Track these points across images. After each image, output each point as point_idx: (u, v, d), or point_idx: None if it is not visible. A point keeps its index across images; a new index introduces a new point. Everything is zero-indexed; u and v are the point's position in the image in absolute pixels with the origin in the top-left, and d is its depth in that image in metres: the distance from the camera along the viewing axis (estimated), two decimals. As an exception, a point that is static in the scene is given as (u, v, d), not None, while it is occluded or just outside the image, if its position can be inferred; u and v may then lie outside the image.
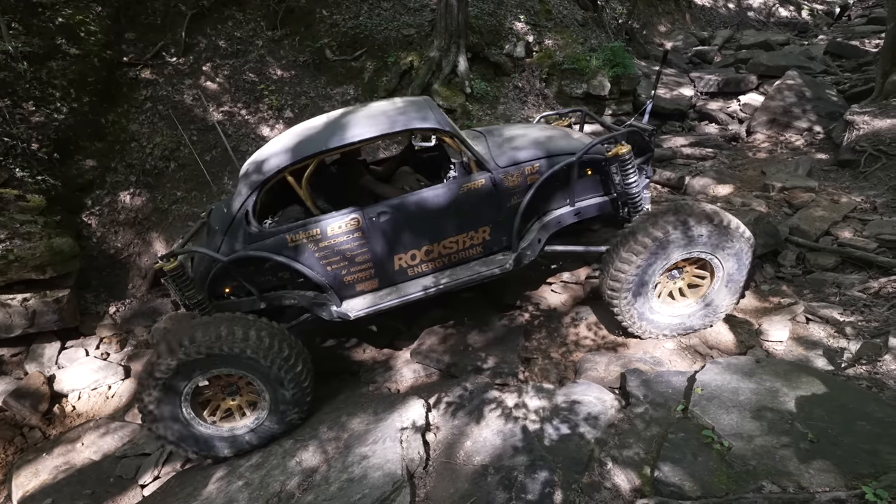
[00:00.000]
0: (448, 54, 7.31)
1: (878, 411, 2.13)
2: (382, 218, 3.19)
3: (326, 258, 3.23)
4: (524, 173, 3.38)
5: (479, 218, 3.38)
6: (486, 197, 3.31)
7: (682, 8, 14.66)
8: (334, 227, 3.16)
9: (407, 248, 3.34)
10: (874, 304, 3.81)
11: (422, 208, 3.24)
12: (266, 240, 3.15)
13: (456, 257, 3.48)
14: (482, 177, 3.27)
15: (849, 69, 10.09)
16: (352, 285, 3.36)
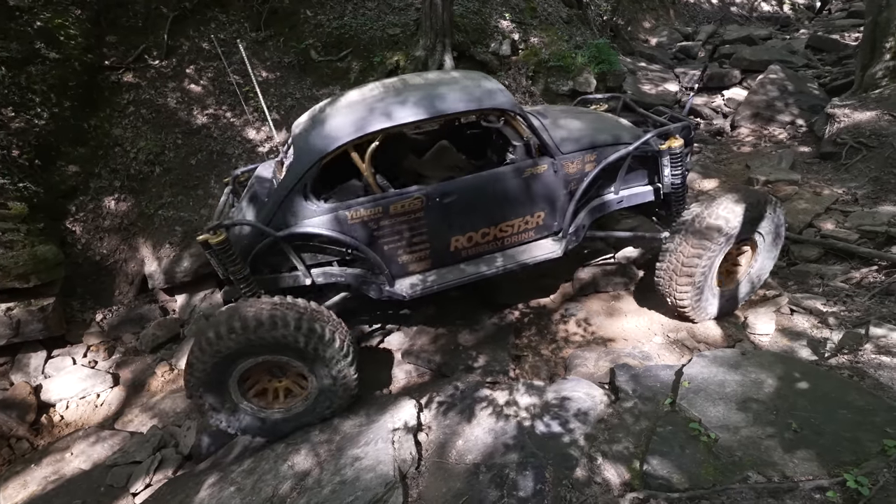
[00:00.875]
0: (434, 53, 7.29)
1: (858, 400, 2.18)
2: (447, 199, 3.13)
3: (385, 237, 3.16)
4: (584, 161, 3.40)
5: (536, 203, 3.37)
6: (546, 183, 3.32)
7: (666, 4, 14.78)
8: (398, 206, 3.08)
9: (464, 229, 3.30)
10: (856, 294, 3.89)
11: (484, 191, 3.21)
12: (324, 215, 3.02)
13: (509, 241, 3.47)
14: (545, 162, 3.27)
15: (829, 63, 10.26)
16: (405, 265, 3.32)
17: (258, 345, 2.74)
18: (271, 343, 2.73)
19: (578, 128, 3.57)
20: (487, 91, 3.20)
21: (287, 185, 2.96)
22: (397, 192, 3.09)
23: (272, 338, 2.71)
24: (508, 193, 3.26)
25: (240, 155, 6.50)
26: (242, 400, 3.04)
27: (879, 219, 4.79)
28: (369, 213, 3.06)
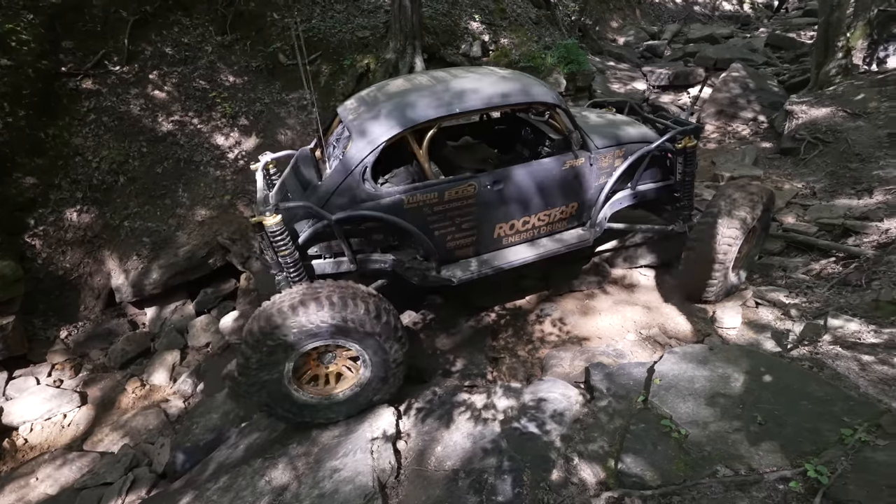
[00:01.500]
0: (404, 56, 7.28)
1: (818, 390, 2.28)
2: (496, 187, 3.24)
3: (437, 222, 3.21)
4: (614, 156, 3.62)
5: (572, 194, 3.55)
6: (582, 175, 3.52)
7: (633, 4, 15.08)
8: (451, 193, 3.15)
9: (508, 217, 3.42)
10: (816, 286, 4.05)
11: (529, 181, 3.34)
12: (382, 199, 3.03)
13: (545, 230, 3.63)
14: (583, 156, 3.45)
15: (787, 60, 10.64)
16: (451, 251, 3.38)
17: (323, 329, 2.70)
18: (339, 326, 2.71)
19: (606, 126, 3.84)
20: (537, 86, 3.40)
21: (346, 169, 2.95)
22: (453, 178, 3.17)
23: (342, 320, 2.70)
24: (550, 184, 3.42)
25: (209, 162, 6.36)
26: (298, 388, 2.95)
27: (836, 212, 5.00)
28: (425, 199, 3.11)
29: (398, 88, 3.27)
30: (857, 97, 6.87)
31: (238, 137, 6.67)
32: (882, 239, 4.14)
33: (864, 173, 5.37)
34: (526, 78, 3.52)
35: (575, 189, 3.54)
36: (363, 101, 3.28)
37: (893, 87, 6.72)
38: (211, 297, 6.00)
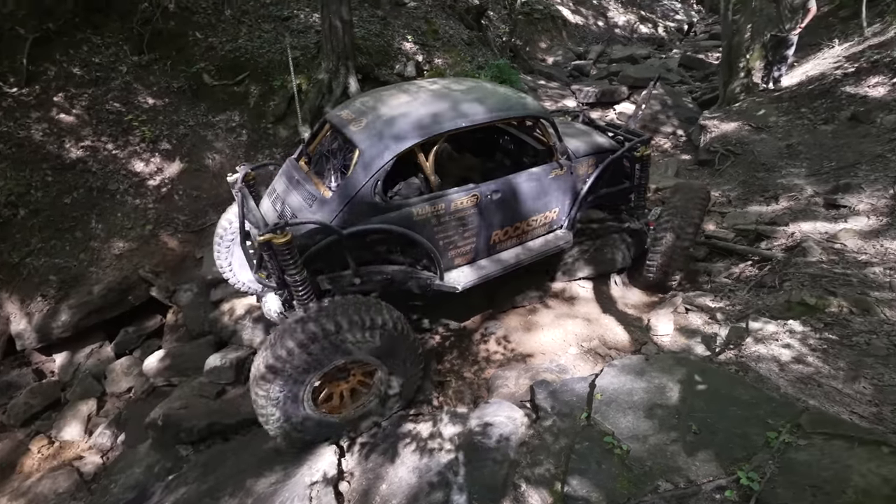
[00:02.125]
0: (338, 76, 7.17)
1: (744, 394, 2.39)
2: (495, 196, 3.39)
3: (442, 233, 3.29)
4: (589, 164, 3.94)
5: (556, 200, 3.79)
6: (564, 182, 3.76)
7: (559, 26, 15.86)
8: (457, 203, 3.25)
9: (503, 224, 3.57)
10: (737, 289, 4.32)
11: (523, 189, 3.53)
12: (391, 212, 3.05)
13: (531, 234, 3.85)
14: (565, 165, 3.70)
15: (699, 79, 11.56)
16: (452, 259, 3.48)
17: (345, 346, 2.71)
18: (359, 342, 2.74)
19: (578, 135, 4.16)
20: (529, 101, 3.64)
21: (357, 183, 2.93)
22: (459, 189, 3.27)
23: (364, 337, 2.73)
24: (539, 191, 3.63)
25: (126, 190, 5.90)
26: (315, 410, 2.90)
27: (749, 218, 5.39)
28: (434, 209, 3.18)
29: (401, 99, 3.31)
30: (759, 112, 7.55)
31: (160, 163, 6.24)
32: (789, 242, 4.49)
33: (770, 182, 5.85)
34: (518, 94, 3.73)
35: (558, 195, 3.79)
36: (362, 112, 3.25)
37: (787, 103, 7.44)
38: (133, 337, 5.51)
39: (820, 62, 8.17)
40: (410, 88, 3.52)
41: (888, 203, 4.40)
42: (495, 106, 3.34)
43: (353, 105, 3.42)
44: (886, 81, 6.45)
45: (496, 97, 3.46)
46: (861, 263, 3.61)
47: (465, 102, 3.26)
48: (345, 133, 3.16)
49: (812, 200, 5.02)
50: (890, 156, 5.07)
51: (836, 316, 2.90)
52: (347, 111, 3.35)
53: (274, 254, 2.78)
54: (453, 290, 3.40)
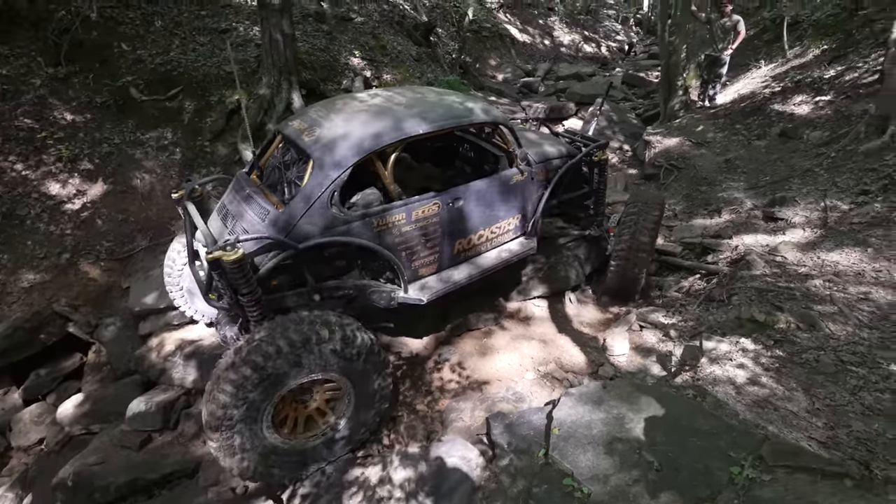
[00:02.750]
0: (280, 91, 6.86)
1: (704, 424, 2.31)
2: (457, 204, 3.33)
3: (404, 243, 3.19)
4: (547, 169, 3.95)
5: (517, 206, 3.77)
6: (526, 188, 3.75)
7: (507, 44, 16.19)
8: (418, 213, 3.16)
9: (466, 233, 3.51)
10: (688, 303, 4.34)
11: (484, 196, 3.50)
12: (351, 223, 2.94)
13: (495, 242, 3.80)
14: (526, 170, 3.70)
15: (641, 96, 12.03)
16: (416, 270, 3.37)
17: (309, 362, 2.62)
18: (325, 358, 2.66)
19: (537, 141, 4.16)
20: (486, 107, 3.61)
21: (312, 195, 2.81)
22: (420, 198, 3.18)
23: (329, 351, 2.65)
24: (501, 198, 3.61)
25: (38, 215, 5.31)
26: (273, 434, 2.72)
27: (695, 231, 5.51)
28: (395, 220, 3.09)
29: (357, 108, 3.22)
30: (698, 128, 7.86)
31: (80, 184, 5.68)
32: (734, 255, 4.58)
33: (712, 195, 6.04)
34: (477, 101, 3.73)
35: (520, 201, 3.77)
36: (315, 122, 3.13)
37: (723, 119, 7.80)
38: (46, 380, 4.89)
39: (750, 82, 8.65)
40: (364, 97, 3.46)
41: (820, 216, 4.59)
42: (453, 113, 3.31)
43: (306, 115, 3.30)
44: (809, 100, 6.88)
45: (453, 104, 3.44)
46: (802, 276, 3.69)
47: (421, 109, 3.22)
48: (298, 144, 3.04)
49: (752, 214, 5.19)
50: (818, 170, 5.33)
51: (785, 332, 2.91)
52: (300, 122, 3.23)
53: (224, 273, 2.60)
54: (419, 303, 3.27)
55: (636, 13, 24.93)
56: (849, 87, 6.49)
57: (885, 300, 3.15)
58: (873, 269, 3.58)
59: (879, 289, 3.30)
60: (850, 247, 3.97)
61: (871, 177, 4.75)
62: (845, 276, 3.57)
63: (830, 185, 4.97)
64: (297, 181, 3.02)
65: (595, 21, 22.75)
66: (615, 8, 25.27)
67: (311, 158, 2.89)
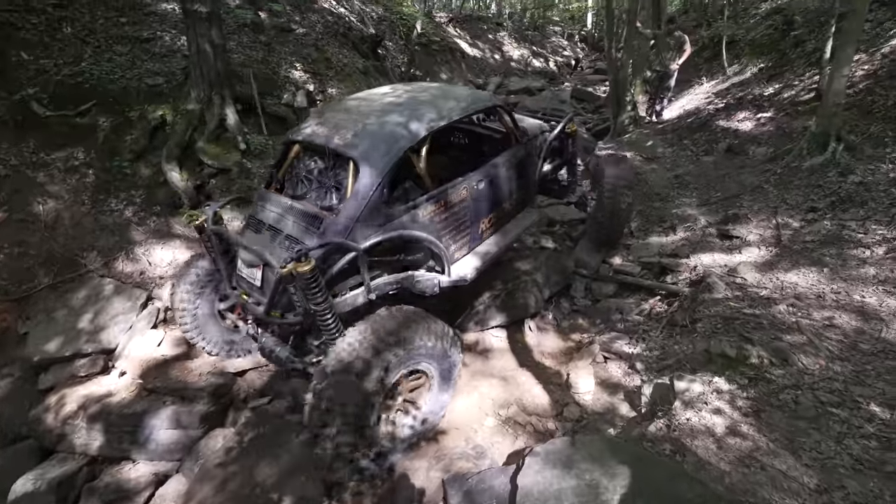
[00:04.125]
0: (211, 106, 6.28)
1: (688, 492, 2.03)
2: (480, 185, 3.57)
3: (444, 229, 3.35)
4: (539, 143, 4.29)
5: (524, 180, 4.11)
6: (527, 162, 4.10)
7: (458, 58, 16.11)
8: (454, 197, 3.37)
9: (489, 210, 3.76)
10: (651, 328, 4.15)
11: (499, 175, 3.77)
12: (404, 216, 3.09)
13: (506, 218, 4.09)
14: (524, 148, 4.04)
15: (590, 111, 12.17)
16: (453, 253, 3.51)
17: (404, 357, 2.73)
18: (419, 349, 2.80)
19: (522, 120, 4.47)
20: (489, 94, 4.21)
21: (364, 195, 2.86)
22: (453, 184, 3.38)
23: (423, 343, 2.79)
24: (512, 174, 3.91)
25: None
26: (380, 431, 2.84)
27: (652, 250, 5.40)
28: (436, 208, 3.25)
29: (378, 105, 3.34)
30: (647, 143, 7.91)
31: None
32: (693, 276, 4.46)
33: (666, 212, 5.99)
34: (475, 90, 4.33)
35: (525, 175, 4.12)
36: (340, 124, 3.17)
37: (671, 135, 7.89)
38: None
39: (694, 97, 8.86)
40: (374, 95, 3.64)
41: (774, 233, 4.56)
42: (470, 100, 3.61)
43: (322, 119, 3.33)
44: (751, 117, 7.05)
45: (465, 94, 3.79)
46: (765, 300, 3.57)
47: (439, 100, 3.42)
48: (330, 147, 3.05)
49: (707, 231, 5.13)
50: (767, 187, 5.37)
51: (758, 369, 2.73)
52: (319, 128, 3.22)
53: (298, 286, 2.68)
54: (463, 282, 3.45)
55: (581, 30, 25.72)
56: (787, 104, 6.69)
57: (850, 326, 3.05)
58: (832, 291, 3.51)
59: (842, 313, 3.21)
60: (807, 266, 3.91)
61: (818, 193, 4.79)
62: (807, 298, 3.47)
63: (780, 201, 4.99)
64: (338, 186, 3.04)
65: (542, 37, 23.22)
66: (561, 25, 25.97)
67: (350, 159, 2.92)
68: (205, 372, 3.95)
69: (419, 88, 3.70)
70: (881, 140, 5.02)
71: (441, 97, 3.48)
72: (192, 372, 3.98)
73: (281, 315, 3.00)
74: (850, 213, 4.30)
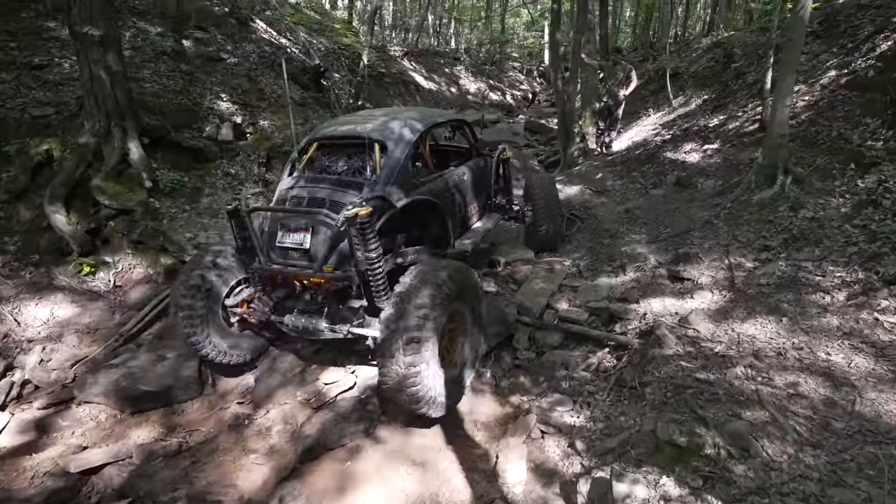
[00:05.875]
0: (111, 140, 5.56)
1: None
2: (465, 177, 4.53)
3: (452, 205, 4.19)
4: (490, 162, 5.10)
5: (485, 186, 5.00)
6: (485, 173, 4.98)
7: (412, 91, 15.90)
8: (451, 180, 4.28)
9: (471, 202, 4.68)
10: (597, 389, 3.60)
11: (474, 174, 4.72)
12: (422, 188, 3.80)
13: (483, 210, 5.02)
14: (483, 160, 4.99)
15: (543, 142, 12.01)
16: (455, 229, 4.27)
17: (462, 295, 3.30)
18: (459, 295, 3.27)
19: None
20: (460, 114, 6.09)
21: (396, 162, 3.52)
22: (451, 169, 4.40)
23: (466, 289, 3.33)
24: (481, 177, 4.84)
25: None
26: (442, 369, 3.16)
27: (601, 292, 4.91)
28: (446, 184, 4.15)
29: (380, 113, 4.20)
30: (597, 176, 7.61)
31: None
32: (642, 325, 3.98)
33: (615, 249, 5.57)
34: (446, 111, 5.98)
35: (487, 181, 4.99)
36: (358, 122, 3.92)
37: (620, 167, 7.63)
38: None
39: (642, 129, 8.72)
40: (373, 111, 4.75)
41: (726, 275, 4.15)
42: (445, 113, 4.97)
43: (343, 120, 4.23)
44: (698, 148, 6.85)
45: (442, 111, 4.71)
46: (720, 359, 3.08)
47: (426, 112, 4.51)
48: (357, 135, 3.65)
49: (657, 272, 4.70)
50: (717, 222, 5.03)
51: (715, 462, 2.18)
52: (343, 127, 3.87)
53: (359, 229, 2.96)
54: (465, 252, 4.24)
55: (539, 66, 26.30)
56: (733, 135, 6.51)
57: (818, 395, 2.57)
58: (794, 347, 3.05)
59: (807, 377, 2.74)
60: (764, 315, 3.47)
61: (770, 230, 4.45)
62: (766, 357, 3.00)
63: (731, 238, 4.63)
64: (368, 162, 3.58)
65: (500, 71, 23.52)
66: (520, 61, 26.51)
67: (375, 142, 3.56)
68: (42, 472, 3.11)
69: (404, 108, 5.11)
70: (829, 172, 4.78)
71: (426, 111, 4.84)
72: (27, 472, 3.14)
73: (333, 270, 3.24)
74: (804, 252, 3.94)
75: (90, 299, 5.17)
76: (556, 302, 5.00)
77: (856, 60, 5.90)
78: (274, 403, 3.87)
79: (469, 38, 26.21)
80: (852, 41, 6.35)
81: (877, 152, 4.61)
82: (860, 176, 4.49)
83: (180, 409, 3.99)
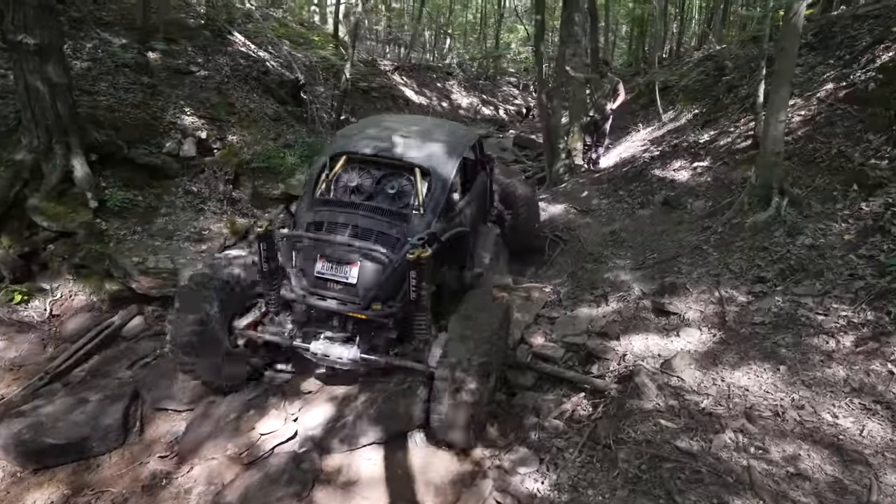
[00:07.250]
0: (52, 157, 5.14)
1: None
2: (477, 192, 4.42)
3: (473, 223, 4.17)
4: None
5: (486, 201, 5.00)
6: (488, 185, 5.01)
7: (401, 105, 15.59)
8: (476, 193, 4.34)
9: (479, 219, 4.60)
10: (568, 446, 3.13)
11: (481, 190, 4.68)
12: (457, 217, 3.74)
13: None
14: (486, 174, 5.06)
15: (531, 158, 11.62)
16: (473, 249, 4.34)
17: None
18: None
19: None
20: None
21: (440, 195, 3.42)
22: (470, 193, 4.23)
23: None
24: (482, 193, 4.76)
25: None
26: None
27: (579, 326, 4.44)
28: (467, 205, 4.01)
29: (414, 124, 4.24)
30: (582, 194, 7.19)
31: None
32: (621, 368, 3.52)
33: (598, 276, 5.12)
34: None
35: (488, 196, 4.96)
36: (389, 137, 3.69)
37: (607, 185, 7.21)
38: None
39: (630, 145, 8.33)
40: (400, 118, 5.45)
41: (716, 310, 3.70)
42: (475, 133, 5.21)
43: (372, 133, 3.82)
44: (687, 165, 6.44)
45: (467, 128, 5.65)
46: (706, 417, 2.62)
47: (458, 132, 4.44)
48: (395, 156, 3.51)
49: (641, 304, 4.24)
50: (706, 248, 4.58)
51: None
52: (377, 143, 3.63)
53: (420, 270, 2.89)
54: (480, 274, 4.10)
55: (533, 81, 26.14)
56: (724, 152, 6.10)
57: (825, 477, 2.10)
58: (793, 405, 2.58)
59: (810, 447, 2.26)
60: (758, 361, 3.00)
61: (764, 258, 4.00)
62: (761, 418, 2.53)
63: (722, 267, 4.18)
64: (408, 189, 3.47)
65: (494, 86, 23.32)
66: (515, 76, 26.36)
67: (417, 167, 3.42)
68: None
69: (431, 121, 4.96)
70: (829, 194, 4.35)
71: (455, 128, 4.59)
72: None
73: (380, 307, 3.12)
74: (804, 285, 3.49)
75: (19, 331, 4.71)
76: (531, 335, 4.54)
77: (855, 72, 5.52)
78: (200, 458, 3.38)
79: (462, 52, 26.08)
80: (850, 52, 5.98)
81: (882, 172, 4.19)
82: (864, 198, 4.06)
83: (95, 464, 3.50)
